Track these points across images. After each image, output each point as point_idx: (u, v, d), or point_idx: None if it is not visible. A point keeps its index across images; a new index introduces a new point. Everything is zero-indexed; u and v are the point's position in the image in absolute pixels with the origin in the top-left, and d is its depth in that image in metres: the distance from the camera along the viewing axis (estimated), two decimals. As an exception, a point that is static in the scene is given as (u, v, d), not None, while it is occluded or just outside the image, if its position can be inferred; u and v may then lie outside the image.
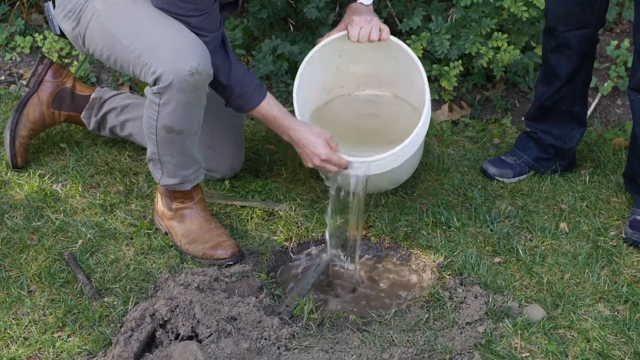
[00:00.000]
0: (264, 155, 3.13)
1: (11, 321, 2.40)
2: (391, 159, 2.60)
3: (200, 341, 2.26)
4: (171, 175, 2.62)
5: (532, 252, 2.70)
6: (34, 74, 3.01)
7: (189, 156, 2.60)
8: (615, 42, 3.60)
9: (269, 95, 2.60)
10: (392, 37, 2.69)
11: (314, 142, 2.57)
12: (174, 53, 2.39)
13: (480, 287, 2.53)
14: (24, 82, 3.55)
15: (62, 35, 2.73)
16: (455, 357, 2.31)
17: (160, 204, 2.72)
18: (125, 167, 3.02)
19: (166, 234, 2.72)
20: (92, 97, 3.00)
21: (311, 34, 3.44)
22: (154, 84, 2.43)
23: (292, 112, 2.68)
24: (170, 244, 2.69)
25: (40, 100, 2.99)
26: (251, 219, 2.81)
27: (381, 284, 2.66)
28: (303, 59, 2.71)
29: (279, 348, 2.30)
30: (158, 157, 2.58)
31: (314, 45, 2.81)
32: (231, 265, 2.59)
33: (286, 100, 3.44)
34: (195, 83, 2.41)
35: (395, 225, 2.80)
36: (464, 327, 2.40)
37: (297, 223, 2.79)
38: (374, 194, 2.90)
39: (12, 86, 3.58)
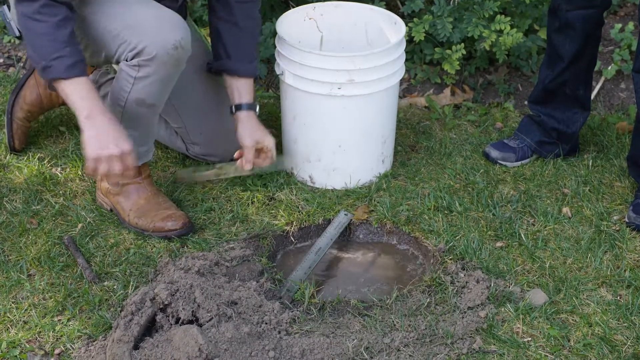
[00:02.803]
0: (264, 139, 3.11)
1: (11, 305, 2.39)
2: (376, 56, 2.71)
3: (200, 325, 2.25)
4: None
5: (535, 237, 2.69)
6: (30, 55, 2.98)
7: (150, 132, 2.62)
8: (619, 25, 3.57)
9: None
10: None
11: None
12: (156, 28, 2.41)
13: (482, 272, 2.51)
14: (22, 65, 3.53)
15: (20, 37, 2.69)
16: (456, 341, 2.31)
17: (104, 182, 2.69)
18: (125, 151, 3.01)
19: (111, 210, 2.71)
20: (88, 80, 2.97)
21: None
22: (133, 58, 2.43)
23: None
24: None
25: (37, 82, 2.97)
26: (252, 203, 2.80)
27: (382, 269, 2.65)
28: None
29: (279, 332, 2.30)
30: None
31: None
32: (183, 235, 2.60)
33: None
34: (178, 57, 2.43)
35: (397, 209, 2.78)
36: (465, 312, 2.40)
37: (298, 207, 2.78)
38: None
39: (11, 69, 3.56)
